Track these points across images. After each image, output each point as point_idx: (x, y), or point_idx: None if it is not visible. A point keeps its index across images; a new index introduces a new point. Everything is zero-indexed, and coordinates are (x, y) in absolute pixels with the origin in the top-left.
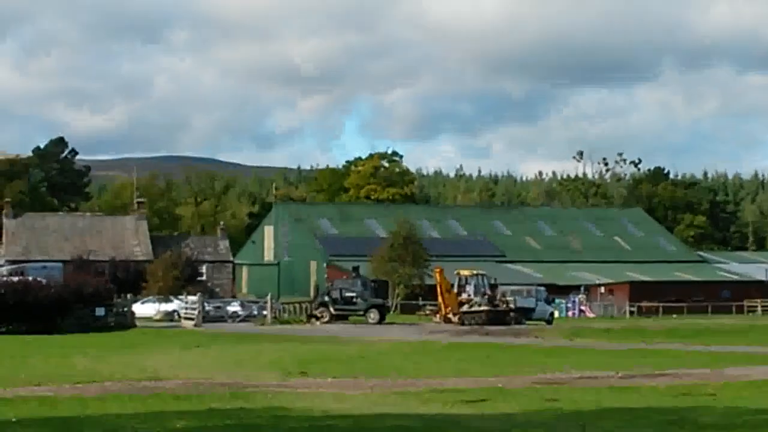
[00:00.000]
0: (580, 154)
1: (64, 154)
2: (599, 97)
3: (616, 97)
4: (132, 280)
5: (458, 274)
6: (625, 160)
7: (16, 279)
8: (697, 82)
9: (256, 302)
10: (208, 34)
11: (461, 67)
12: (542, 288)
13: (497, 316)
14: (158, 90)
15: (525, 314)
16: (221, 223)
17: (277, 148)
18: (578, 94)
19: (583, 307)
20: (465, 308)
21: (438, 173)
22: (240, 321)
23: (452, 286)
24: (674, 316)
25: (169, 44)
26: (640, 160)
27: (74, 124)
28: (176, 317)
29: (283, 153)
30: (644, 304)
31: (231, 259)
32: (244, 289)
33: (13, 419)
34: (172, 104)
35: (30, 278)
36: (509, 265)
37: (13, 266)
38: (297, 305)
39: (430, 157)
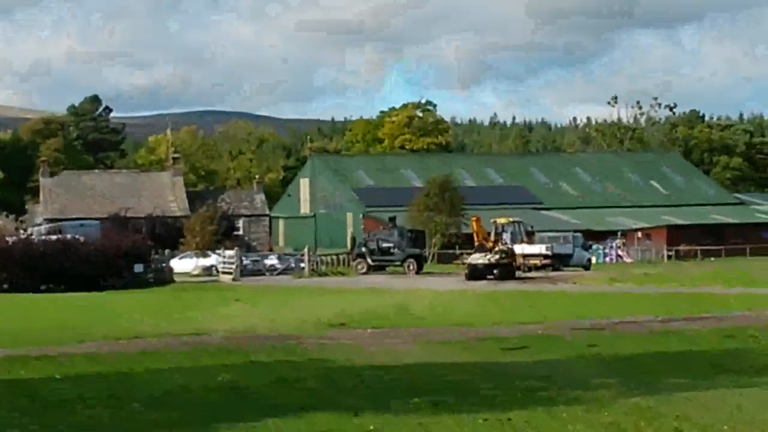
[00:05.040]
0: (615, 99)
1: (98, 112)
2: (637, 43)
3: (657, 43)
4: (169, 236)
5: (494, 222)
6: (660, 104)
7: (54, 238)
8: (742, 25)
9: (294, 255)
10: None
11: (505, 18)
12: (579, 234)
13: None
14: (200, 48)
15: (562, 261)
16: (257, 176)
17: (315, 103)
18: (616, 41)
19: (620, 253)
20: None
21: (472, 122)
22: (278, 274)
23: (489, 234)
24: (712, 259)
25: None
26: (675, 104)
27: (110, 82)
28: (214, 272)
29: (321, 107)
30: (682, 247)
31: (267, 212)
32: (281, 243)
33: (58, 377)
34: (211, 62)
35: (68, 236)
36: (546, 212)
37: (51, 225)
38: (334, 257)
39: (464, 106)
